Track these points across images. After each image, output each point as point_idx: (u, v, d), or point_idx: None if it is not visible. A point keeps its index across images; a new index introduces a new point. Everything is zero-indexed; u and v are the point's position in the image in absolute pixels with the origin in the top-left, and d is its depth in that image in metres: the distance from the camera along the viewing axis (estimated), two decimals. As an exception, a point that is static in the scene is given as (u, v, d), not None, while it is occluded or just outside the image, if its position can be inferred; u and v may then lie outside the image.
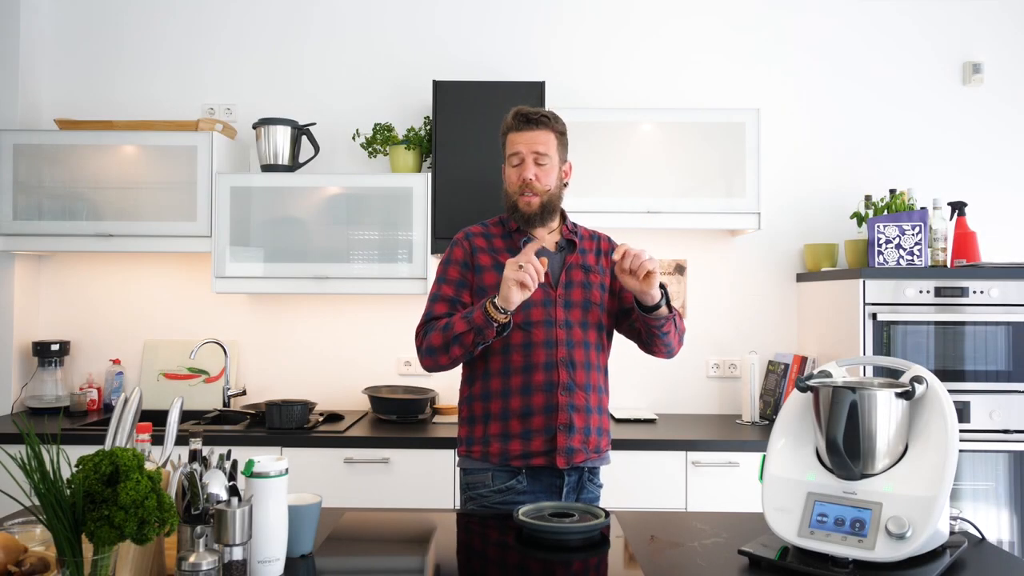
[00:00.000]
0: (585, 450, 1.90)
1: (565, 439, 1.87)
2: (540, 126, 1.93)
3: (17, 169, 2.99)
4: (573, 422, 1.88)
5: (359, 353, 3.28)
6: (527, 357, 1.88)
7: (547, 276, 1.90)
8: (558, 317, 1.90)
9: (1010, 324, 2.69)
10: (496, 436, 1.89)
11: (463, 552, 1.58)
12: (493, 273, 1.93)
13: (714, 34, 3.33)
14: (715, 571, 1.38)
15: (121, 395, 1.39)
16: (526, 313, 1.88)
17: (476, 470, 1.93)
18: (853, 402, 1.38)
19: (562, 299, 1.92)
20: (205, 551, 1.15)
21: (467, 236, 2.02)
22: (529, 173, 1.92)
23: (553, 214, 1.97)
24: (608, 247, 2.05)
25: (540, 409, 1.87)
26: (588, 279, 1.97)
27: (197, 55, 3.35)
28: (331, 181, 2.99)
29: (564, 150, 2.00)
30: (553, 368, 1.88)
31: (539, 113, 1.95)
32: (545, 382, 1.88)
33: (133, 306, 3.31)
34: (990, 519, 2.69)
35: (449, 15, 3.34)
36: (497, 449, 1.89)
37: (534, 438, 1.87)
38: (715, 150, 2.97)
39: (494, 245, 1.98)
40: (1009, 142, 3.30)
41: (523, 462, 1.87)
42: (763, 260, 3.31)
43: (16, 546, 1.24)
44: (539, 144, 1.92)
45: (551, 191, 1.94)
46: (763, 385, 3.21)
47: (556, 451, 1.86)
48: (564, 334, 1.90)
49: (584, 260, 1.99)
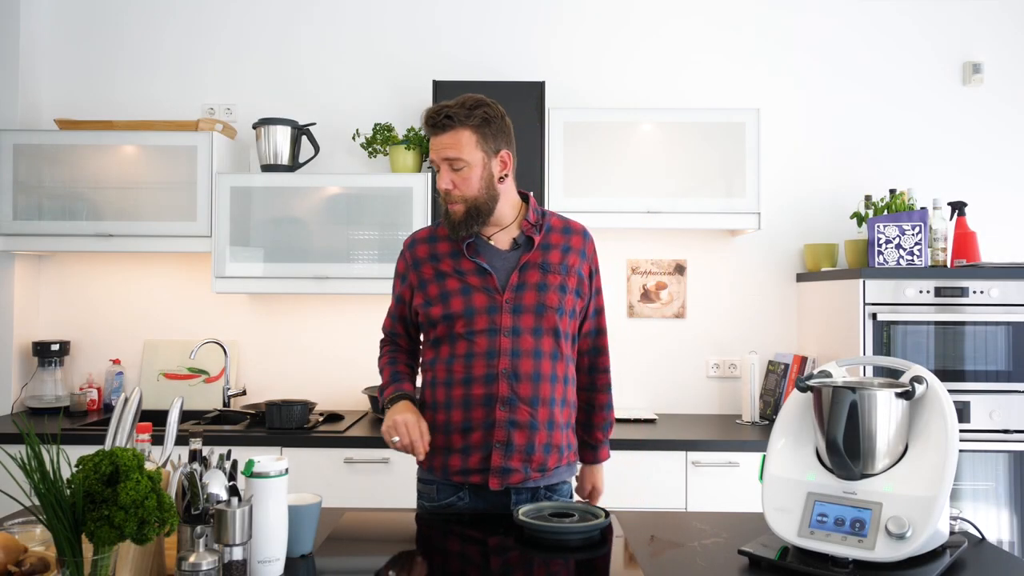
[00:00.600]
0: (525, 470, 1.75)
1: (501, 458, 1.74)
2: (447, 129, 1.73)
3: (17, 169, 2.99)
4: (512, 439, 1.74)
5: (359, 353, 3.28)
6: (468, 368, 1.76)
7: (493, 279, 1.77)
8: (504, 324, 1.75)
9: (1010, 324, 2.69)
10: (439, 449, 1.79)
11: (462, 552, 1.58)
12: (435, 283, 1.81)
13: (714, 34, 3.33)
14: (715, 571, 1.38)
15: (121, 395, 1.39)
16: (469, 322, 1.76)
17: (426, 480, 1.86)
18: (853, 402, 1.38)
19: (510, 304, 1.76)
20: (205, 551, 1.15)
21: (411, 245, 1.90)
22: (443, 183, 1.75)
23: (486, 216, 1.78)
24: (581, 244, 1.87)
25: (479, 424, 1.75)
26: (545, 280, 1.79)
27: (197, 55, 3.35)
28: (331, 181, 2.99)
29: (491, 140, 1.76)
30: (494, 381, 1.74)
31: (442, 114, 1.72)
32: (485, 396, 1.74)
33: (133, 306, 3.31)
34: (990, 519, 2.69)
35: (449, 15, 3.34)
36: (439, 463, 1.80)
37: (472, 454, 1.76)
38: (715, 150, 2.97)
39: (437, 251, 1.84)
40: (1009, 142, 3.30)
41: (463, 478, 1.78)
42: (763, 260, 3.31)
43: (16, 546, 1.24)
44: (449, 149, 1.73)
45: (475, 195, 1.75)
46: (763, 385, 3.21)
47: (490, 471, 1.75)
48: (509, 343, 1.75)
49: (544, 258, 1.81)
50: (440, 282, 1.80)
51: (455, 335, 1.78)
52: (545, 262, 1.81)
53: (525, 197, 1.90)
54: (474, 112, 1.73)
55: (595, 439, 1.97)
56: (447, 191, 1.75)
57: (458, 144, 1.73)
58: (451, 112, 1.72)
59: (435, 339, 1.83)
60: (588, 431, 1.98)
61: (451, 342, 1.79)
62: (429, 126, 1.75)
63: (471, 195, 1.75)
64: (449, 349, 1.79)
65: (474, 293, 1.77)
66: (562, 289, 1.80)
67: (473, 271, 1.79)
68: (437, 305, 1.80)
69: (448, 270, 1.81)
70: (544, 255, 1.81)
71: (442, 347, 1.81)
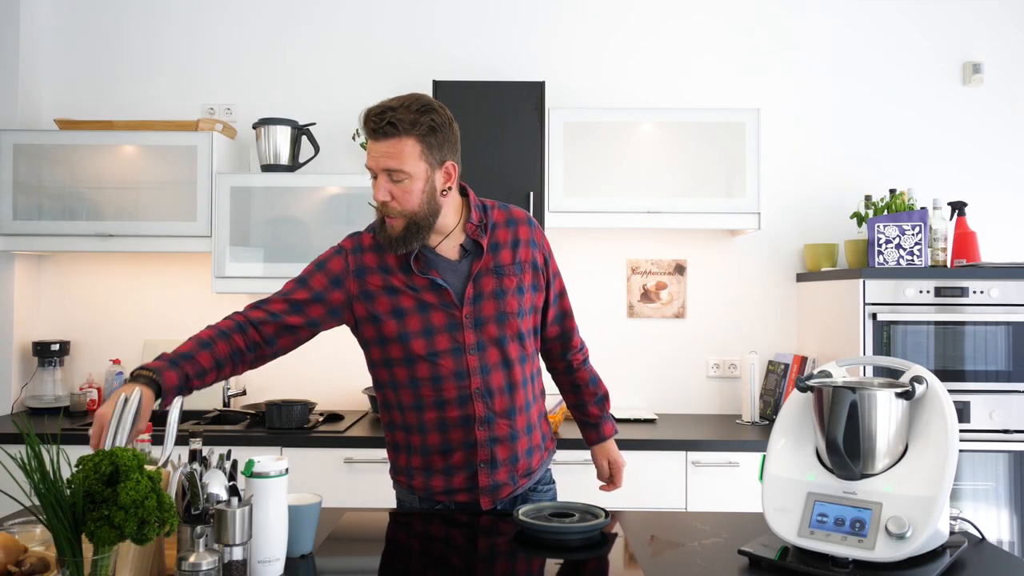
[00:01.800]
0: (512, 481, 1.73)
1: (488, 476, 1.70)
2: (389, 136, 1.56)
3: (17, 169, 2.99)
4: (495, 456, 1.69)
5: (359, 353, 3.26)
6: (437, 392, 1.66)
7: (449, 294, 1.66)
8: (467, 341, 1.66)
9: (1010, 324, 2.69)
10: (419, 470, 1.73)
11: (463, 552, 1.58)
12: (386, 298, 1.67)
13: (714, 34, 3.33)
14: (715, 571, 1.38)
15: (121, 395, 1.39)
16: (430, 342, 1.65)
17: (405, 500, 1.81)
18: (853, 402, 1.38)
19: (470, 319, 1.66)
20: (205, 551, 1.15)
21: (355, 250, 1.71)
22: (381, 194, 1.59)
23: (426, 232, 1.63)
24: (528, 234, 1.76)
25: (459, 445, 1.69)
26: (501, 285, 1.69)
27: (197, 55, 3.35)
28: (331, 181, 2.99)
29: (436, 151, 1.61)
30: (468, 402, 1.66)
31: (385, 118, 1.56)
32: (461, 417, 1.67)
33: (133, 306, 3.31)
34: (990, 519, 2.69)
35: (449, 15, 3.34)
36: (420, 483, 1.73)
37: (455, 474, 1.71)
38: (715, 150, 2.97)
39: (387, 263, 1.68)
40: (1009, 142, 3.30)
41: (448, 498, 1.73)
42: (763, 260, 3.31)
43: (16, 546, 1.24)
44: (390, 159, 1.57)
45: (415, 211, 1.60)
46: (763, 385, 3.21)
47: (478, 490, 1.70)
48: (477, 360, 1.66)
49: (496, 261, 1.70)
50: (392, 297, 1.67)
51: (414, 356, 1.66)
52: (498, 265, 1.70)
53: (463, 190, 1.75)
54: (420, 119, 1.57)
55: (592, 416, 1.94)
56: (384, 203, 1.60)
57: (400, 154, 1.57)
58: (395, 118, 1.55)
59: (387, 360, 1.70)
60: (582, 410, 1.95)
61: (409, 364, 1.67)
62: (369, 130, 1.59)
63: (410, 210, 1.60)
64: (408, 372, 1.68)
65: (431, 311, 1.66)
66: (519, 291, 1.72)
67: (426, 287, 1.66)
68: (390, 321, 1.66)
69: (400, 285, 1.67)
70: (495, 258, 1.71)
71: (397, 368, 1.69)
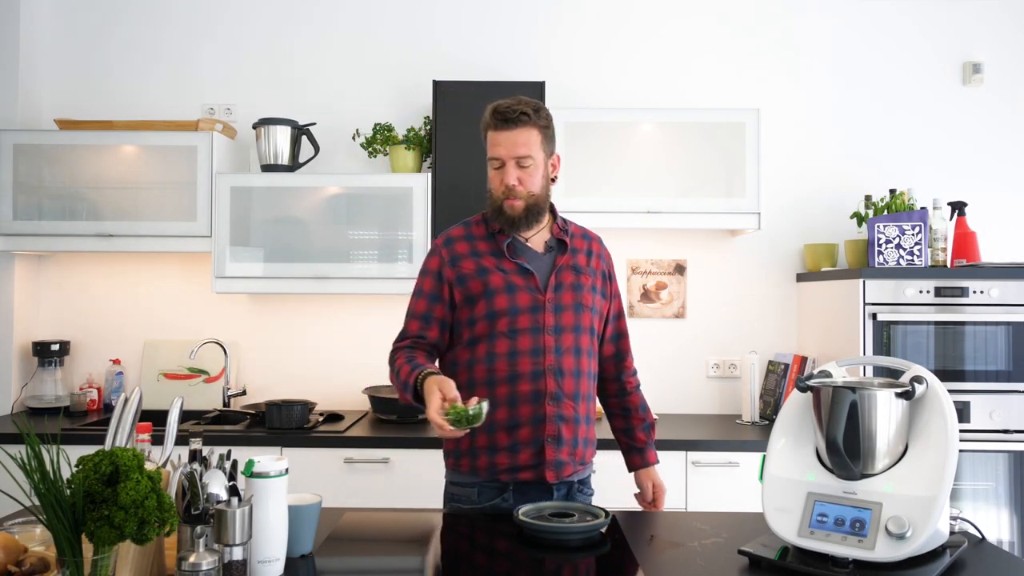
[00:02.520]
0: (572, 463, 1.82)
1: (554, 452, 1.78)
2: (520, 124, 1.78)
3: (17, 169, 2.99)
4: (561, 434, 1.79)
5: (359, 353, 3.28)
6: (513, 366, 1.78)
7: (535, 279, 1.82)
8: (547, 323, 1.80)
9: (1010, 324, 2.69)
10: (483, 449, 1.80)
11: (463, 552, 1.58)
12: (478, 280, 1.81)
13: (714, 34, 3.33)
14: (715, 571, 1.38)
15: (121, 395, 1.39)
16: (512, 320, 1.79)
17: (462, 483, 1.84)
18: (853, 402, 1.38)
19: (551, 303, 1.81)
20: (205, 551, 1.15)
21: (447, 243, 1.89)
22: (511, 179, 1.79)
23: (540, 215, 1.85)
24: (599, 249, 1.96)
25: (527, 420, 1.77)
26: (579, 280, 1.86)
27: (197, 55, 3.35)
28: (331, 181, 2.99)
29: (550, 143, 1.85)
30: (541, 377, 1.78)
31: (518, 110, 1.78)
32: (532, 392, 1.78)
33: (133, 306, 3.31)
34: (990, 519, 2.69)
35: (449, 15, 3.34)
36: (484, 463, 1.80)
37: (521, 451, 1.78)
38: (715, 150, 2.97)
39: (477, 248, 1.86)
40: (1009, 142, 3.30)
41: (511, 476, 1.79)
42: (763, 260, 3.31)
43: (16, 546, 1.24)
44: (519, 147, 1.78)
45: (536, 193, 1.81)
46: (763, 385, 3.21)
47: (544, 464, 1.78)
48: (553, 341, 1.80)
49: (575, 261, 1.88)
50: (483, 278, 1.81)
51: (496, 333, 1.79)
52: (576, 264, 1.88)
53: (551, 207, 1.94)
54: (540, 112, 1.81)
55: (639, 441, 2.00)
56: (512, 187, 1.79)
57: (528, 142, 1.79)
58: (524, 110, 1.78)
59: (471, 338, 1.82)
60: (630, 435, 2.01)
61: (490, 340, 1.80)
62: (501, 121, 1.78)
63: (533, 191, 1.80)
64: (488, 347, 1.80)
65: (518, 292, 1.80)
66: (593, 289, 1.88)
67: (515, 271, 1.82)
68: (481, 302, 1.81)
69: (491, 267, 1.82)
70: (574, 258, 1.88)
71: (479, 346, 1.81)
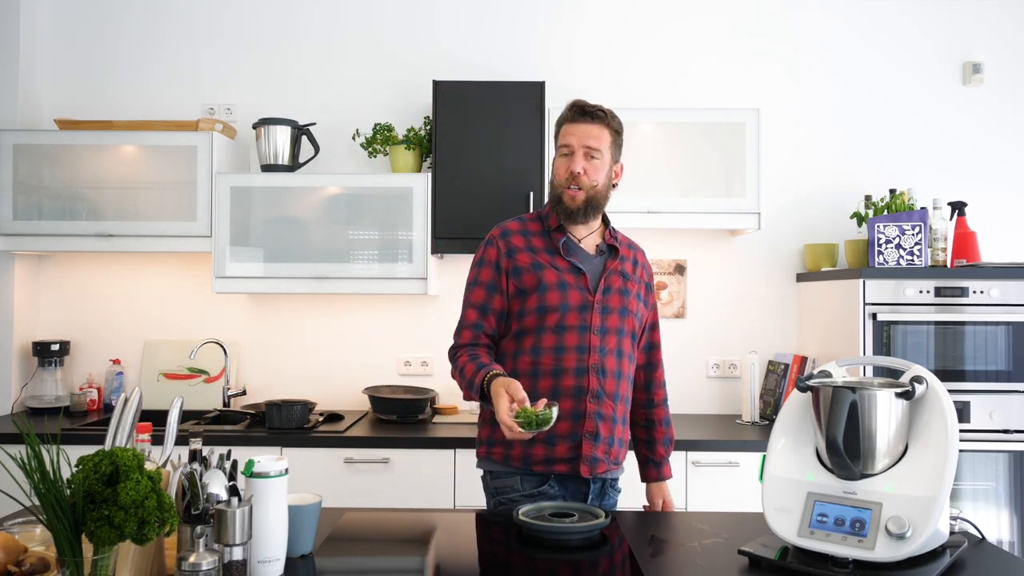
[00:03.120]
0: (607, 460, 1.86)
1: (591, 448, 1.82)
2: (595, 120, 1.86)
3: (17, 169, 2.99)
4: (599, 431, 1.83)
5: (359, 353, 3.28)
6: (557, 361, 1.83)
7: (586, 279, 1.87)
8: (593, 323, 1.85)
9: (1010, 324, 2.69)
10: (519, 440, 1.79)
11: (462, 552, 1.58)
12: (532, 274, 1.86)
13: (714, 34, 3.33)
14: (715, 571, 1.38)
15: (121, 395, 1.39)
16: (561, 316, 1.83)
17: (502, 473, 1.87)
18: (853, 402, 1.38)
19: (600, 305, 1.86)
20: (205, 551, 1.15)
21: (503, 235, 1.93)
22: (577, 166, 1.85)
23: (597, 212, 1.90)
24: (643, 260, 2.03)
25: (568, 415, 1.81)
26: (626, 286, 1.91)
27: (197, 55, 3.35)
28: (331, 181, 2.99)
29: (618, 150, 1.93)
30: (584, 374, 1.83)
31: (597, 107, 1.88)
32: (574, 387, 1.82)
33: (133, 306, 3.31)
34: (990, 519, 2.69)
35: (449, 15, 3.34)
36: (519, 453, 1.83)
37: (558, 444, 1.82)
38: (715, 150, 2.97)
39: (532, 244, 1.91)
40: (1009, 142, 3.30)
41: (545, 468, 1.83)
42: (763, 260, 3.31)
43: (16, 546, 1.24)
44: (591, 138, 1.85)
45: (598, 187, 1.87)
46: (763, 385, 3.21)
47: (580, 459, 1.82)
48: (598, 340, 1.84)
49: (623, 267, 1.94)
50: (537, 273, 1.86)
51: (544, 328, 1.84)
52: (624, 271, 1.93)
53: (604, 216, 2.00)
54: (616, 119, 1.91)
55: (658, 455, 2.05)
56: (578, 175, 1.85)
57: (600, 137, 1.86)
58: (602, 110, 1.88)
59: (519, 330, 1.87)
60: (651, 447, 2.06)
61: (537, 334, 1.84)
62: (579, 113, 1.86)
63: (595, 184, 1.86)
64: (534, 341, 1.85)
65: (569, 290, 1.85)
66: (637, 296, 1.94)
67: (568, 269, 1.87)
68: (532, 296, 1.85)
69: (545, 263, 1.87)
70: (622, 264, 1.94)
71: (526, 339, 1.86)
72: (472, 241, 2.96)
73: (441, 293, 3.27)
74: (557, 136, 1.93)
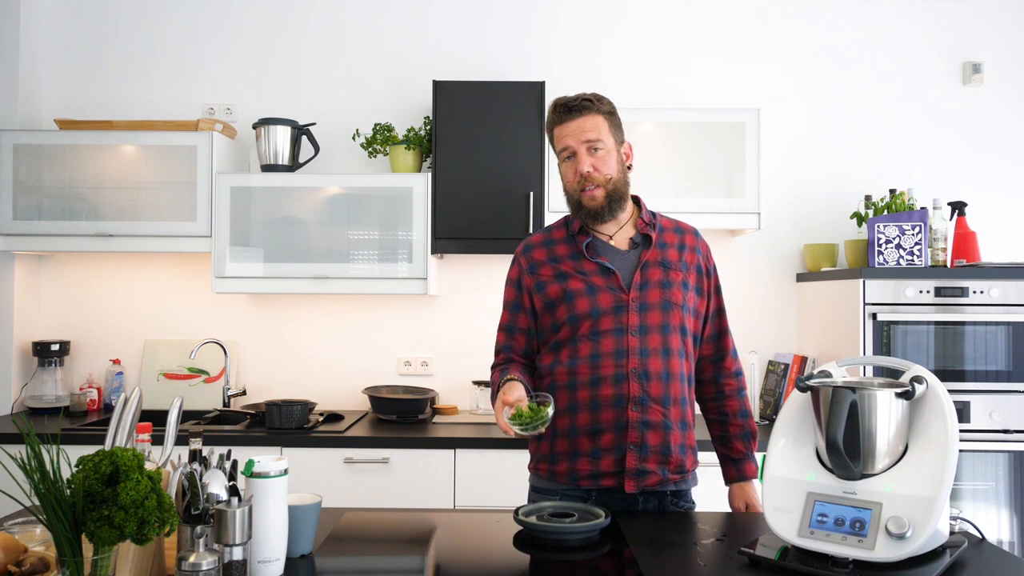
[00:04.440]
0: (663, 471, 1.73)
1: (636, 460, 1.71)
2: (584, 112, 1.76)
3: (17, 169, 2.99)
4: (646, 440, 1.71)
5: (359, 353, 3.28)
6: (595, 369, 1.72)
7: (617, 278, 1.76)
8: (631, 323, 1.73)
9: (1010, 324, 2.69)
10: (563, 454, 1.75)
11: (462, 552, 1.58)
12: (557, 285, 1.78)
13: (714, 34, 3.33)
14: (715, 571, 1.38)
15: (121, 395, 1.39)
16: (594, 322, 1.73)
17: (545, 490, 1.80)
18: (853, 402, 1.38)
19: (636, 302, 1.74)
20: (205, 551, 1.15)
21: (525, 250, 1.87)
22: (584, 166, 1.75)
23: (622, 203, 1.80)
24: (694, 242, 1.86)
25: (610, 426, 1.71)
26: (668, 277, 1.78)
27: (197, 55, 3.35)
28: (331, 181, 2.99)
29: (618, 131, 1.81)
30: (623, 381, 1.71)
31: (579, 98, 1.77)
32: (615, 396, 1.71)
33: (133, 306, 3.31)
34: (990, 519, 2.69)
35: (448, 15, 3.34)
36: (565, 468, 1.75)
37: (603, 457, 1.72)
38: (715, 150, 2.97)
39: (556, 253, 1.82)
40: (1009, 142, 3.30)
41: (592, 483, 1.74)
42: (763, 260, 3.31)
43: (16, 546, 1.24)
44: (587, 131, 1.75)
45: (614, 178, 1.77)
46: (763, 385, 3.21)
47: (624, 473, 1.72)
48: (637, 342, 1.72)
49: (663, 256, 1.80)
50: (562, 283, 1.78)
51: (579, 337, 1.75)
52: (665, 259, 1.80)
53: (636, 199, 1.90)
54: (602, 100, 1.79)
55: (736, 451, 1.87)
56: (588, 174, 1.75)
57: (595, 127, 1.76)
58: (586, 99, 1.76)
59: (556, 343, 1.79)
60: (726, 443, 1.89)
61: (573, 344, 1.75)
62: (564, 111, 1.77)
63: (609, 175, 1.76)
64: (570, 351, 1.76)
65: (599, 293, 1.75)
66: (684, 286, 1.79)
67: (596, 271, 1.77)
68: (561, 306, 1.77)
69: (570, 271, 1.78)
70: (663, 253, 1.80)
71: (562, 351, 1.77)
72: (472, 241, 2.97)
73: (441, 293, 3.27)
74: (552, 142, 1.84)
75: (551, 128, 1.82)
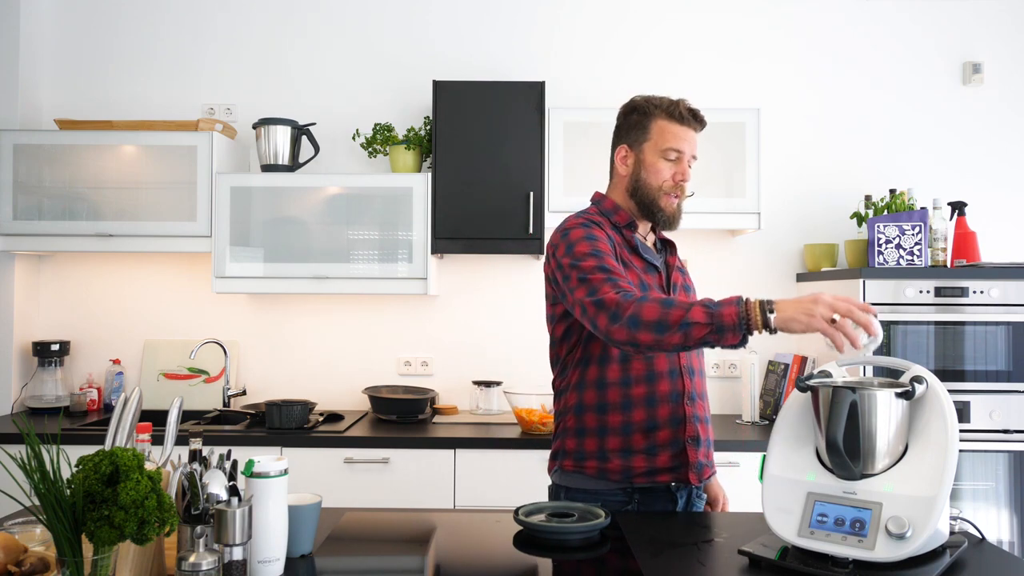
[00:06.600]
0: (710, 464, 1.80)
1: (695, 454, 1.73)
2: (701, 127, 1.82)
3: (17, 169, 2.99)
4: (699, 434, 1.75)
5: (359, 353, 3.28)
6: (650, 365, 1.72)
7: (662, 277, 1.83)
8: None
9: (1010, 324, 2.69)
10: (615, 451, 1.72)
11: (463, 552, 1.58)
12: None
13: (713, 33, 3.33)
14: (715, 571, 1.38)
15: (121, 395, 1.39)
16: None
17: (585, 489, 1.75)
18: (853, 402, 1.38)
19: None
20: (205, 551, 1.15)
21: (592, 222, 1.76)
22: (688, 175, 1.78)
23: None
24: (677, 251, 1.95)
25: (666, 422, 1.71)
26: (685, 281, 1.90)
27: (197, 55, 3.35)
28: (331, 181, 2.99)
29: None
30: (678, 376, 1.73)
31: (701, 113, 1.82)
32: (671, 392, 1.72)
33: (133, 306, 3.31)
34: (990, 519, 2.69)
35: (448, 15, 3.34)
36: (618, 466, 1.72)
37: (659, 453, 1.71)
38: (715, 150, 2.97)
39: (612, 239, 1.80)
40: (1009, 142, 3.30)
41: (648, 479, 1.72)
42: (763, 260, 3.31)
43: (16, 546, 1.24)
44: (695, 147, 1.81)
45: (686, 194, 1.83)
46: (763, 385, 3.21)
47: (687, 467, 1.72)
48: None
49: (677, 262, 1.92)
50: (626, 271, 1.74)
51: None
52: (680, 266, 1.91)
53: None
54: None
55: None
56: (684, 184, 1.79)
57: (696, 144, 1.82)
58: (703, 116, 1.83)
59: None
60: None
61: None
62: (691, 118, 1.79)
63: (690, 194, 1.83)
64: None
65: (650, 291, 1.78)
66: (689, 290, 1.92)
67: (644, 268, 1.80)
68: None
69: (627, 260, 1.77)
70: (676, 259, 1.92)
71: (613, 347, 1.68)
72: (472, 241, 2.96)
73: (441, 293, 3.27)
74: (650, 131, 1.78)
75: (666, 122, 1.77)
